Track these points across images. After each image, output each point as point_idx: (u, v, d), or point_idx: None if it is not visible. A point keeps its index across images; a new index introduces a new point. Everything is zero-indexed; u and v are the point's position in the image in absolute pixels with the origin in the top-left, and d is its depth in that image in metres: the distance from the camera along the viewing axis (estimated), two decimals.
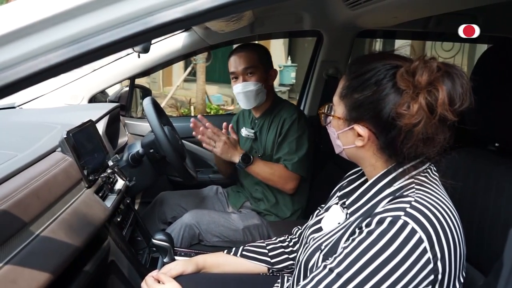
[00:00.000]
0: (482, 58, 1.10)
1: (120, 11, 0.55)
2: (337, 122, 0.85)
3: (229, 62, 1.73)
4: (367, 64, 0.79)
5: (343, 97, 0.82)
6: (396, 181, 0.79)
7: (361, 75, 0.79)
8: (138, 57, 1.78)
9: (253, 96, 1.69)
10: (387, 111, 0.74)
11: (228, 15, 0.73)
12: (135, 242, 1.64)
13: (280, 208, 1.75)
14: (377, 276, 0.68)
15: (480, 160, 1.01)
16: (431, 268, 0.68)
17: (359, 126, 0.80)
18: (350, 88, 0.81)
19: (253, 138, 1.81)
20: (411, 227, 0.68)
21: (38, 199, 0.93)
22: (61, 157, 1.14)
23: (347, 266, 0.70)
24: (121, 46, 0.57)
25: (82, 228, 1.04)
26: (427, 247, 0.68)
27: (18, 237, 0.83)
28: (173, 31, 0.58)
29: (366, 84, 0.77)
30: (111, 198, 1.33)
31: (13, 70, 0.53)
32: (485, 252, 0.92)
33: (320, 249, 0.84)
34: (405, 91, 0.72)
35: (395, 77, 0.73)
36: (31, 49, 0.54)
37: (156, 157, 1.61)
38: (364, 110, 0.78)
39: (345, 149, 0.86)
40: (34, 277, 0.81)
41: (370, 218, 0.73)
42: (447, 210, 0.73)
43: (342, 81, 0.85)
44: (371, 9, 1.52)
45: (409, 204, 0.71)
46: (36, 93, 2.02)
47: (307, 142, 1.67)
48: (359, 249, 0.70)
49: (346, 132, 0.83)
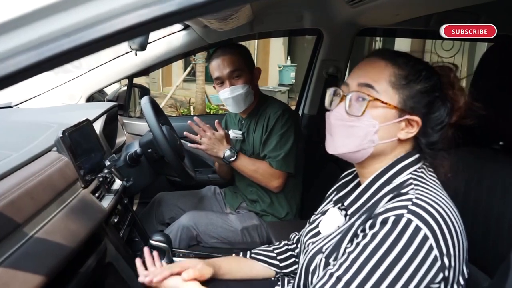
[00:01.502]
0: (484, 56, 1.08)
1: (115, 3, 0.53)
2: (387, 113, 0.77)
3: (210, 67, 1.67)
4: (413, 59, 0.81)
5: (398, 85, 0.77)
6: (396, 177, 0.78)
7: (417, 67, 0.79)
8: (136, 55, 1.75)
9: (242, 100, 1.65)
10: (446, 105, 0.79)
11: (222, 10, 0.71)
12: (133, 243, 1.62)
13: (276, 208, 1.73)
14: (387, 279, 0.66)
15: (484, 159, 0.99)
16: (440, 266, 0.68)
17: (415, 116, 0.78)
18: (407, 78, 0.78)
19: (241, 139, 1.79)
20: (415, 224, 0.67)
21: (32, 199, 0.91)
22: (56, 157, 1.12)
23: (355, 272, 0.69)
24: (114, 40, 0.55)
25: (77, 229, 1.02)
26: (433, 244, 0.67)
27: (11, 238, 0.81)
28: (167, 25, 0.55)
29: (421, 77, 0.78)
30: (108, 199, 1.31)
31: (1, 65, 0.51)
32: (490, 253, 0.90)
33: (322, 252, 0.82)
34: (450, 89, 0.80)
35: (438, 76, 0.80)
36: (21, 43, 0.52)
37: (154, 157, 1.59)
38: (423, 101, 0.78)
39: (378, 144, 0.79)
40: (27, 279, 0.79)
41: (373, 219, 0.71)
42: (446, 204, 0.73)
43: (384, 69, 0.78)
44: (372, 7, 1.50)
45: (411, 201, 0.70)
46: (33, 92, 2.00)
47: (292, 138, 1.63)
48: (365, 253, 0.69)
49: (392, 124, 0.78)
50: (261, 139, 1.69)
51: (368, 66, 0.81)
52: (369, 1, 1.43)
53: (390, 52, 0.82)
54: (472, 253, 0.87)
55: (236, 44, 1.83)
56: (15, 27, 0.50)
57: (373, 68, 0.80)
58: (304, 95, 2.43)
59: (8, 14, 0.50)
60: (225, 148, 1.62)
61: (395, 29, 2.37)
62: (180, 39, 2.03)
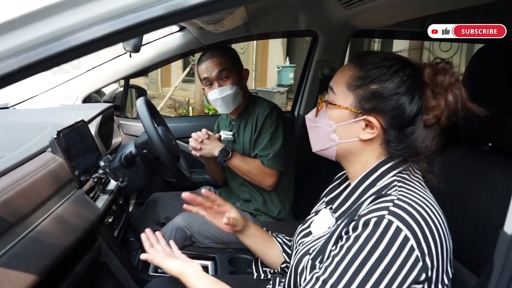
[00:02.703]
0: (475, 57, 1.09)
1: (109, 5, 0.53)
2: (340, 114, 0.80)
3: (199, 69, 1.70)
4: (384, 58, 0.79)
5: (353, 87, 0.79)
6: (380, 180, 0.79)
7: (380, 66, 0.78)
8: (130, 57, 1.76)
9: (231, 100, 1.67)
10: (413, 105, 0.76)
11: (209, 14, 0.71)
12: (128, 243, 1.63)
13: (269, 206, 1.74)
14: (370, 281, 0.67)
15: (473, 160, 1.00)
16: (421, 266, 0.68)
17: (372, 118, 0.78)
18: (365, 78, 0.78)
19: (232, 140, 1.81)
20: (396, 225, 0.67)
21: (25, 199, 0.92)
22: (51, 158, 1.13)
23: (339, 276, 0.69)
24: (106, 43, 0.55)
25: (71, 229, 1.03)
26: (414, 245, 0.67)
27: (4, 238, 0.82)
28: (156, 28, 0.56)
29: (387, 76, 0.77)
30: (102, 199, 1.32)
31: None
32: (478, 253, 0.91)
33: (309, 253, 0.83)
34: (428, 88, 0.77)
35: (416, 74, 0.78)
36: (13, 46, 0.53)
37: (149, 157, 1.60)
38: (382, 101, 0.77)
39: (340, 143, 0.82)
40: (20, 279, 0.80)
41: (356, 221, 0.72)
42: (429, 205, 0.73)
43: (347, 71, 0.81)
44: (366, 8, 1.51)
45: (392, 202, 0.70)
46: (29, 93, 2.00)
47: (282, 136, 1.66)
48: (348, 256, 0.69)
49: (349, 124, 0.80)
50: (251, 139, 1.71)
51: (340, 69, 0.85)
52: (364, 3, 1.44)
53: (360, 54, 0.84)
54: (460, 253, 0.88)
55: (224, 46, 1.85)
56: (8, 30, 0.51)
57: (340, 71, 0.84)
58: (300, 96, 2.44)
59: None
60: (219, 147, 1.64)
61: (391, 31, 2.38)
62: (176, 40, 2.04)
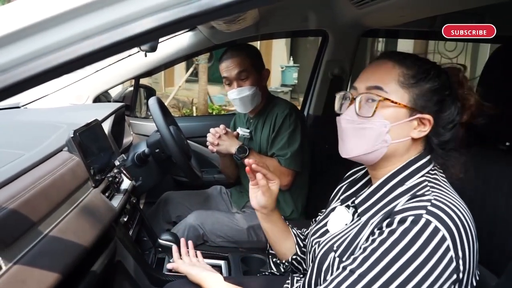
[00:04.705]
0: (492, 57, 1.09)
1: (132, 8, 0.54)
2: (397, 112, 0.78)
3: (220, 66, 1.70)
4: (419, 59, 0.82)
5: (408, 85, 0.78)
6: (410, 179, 0.79)
7: (424, 66, 0.80)
8: (145, 56, 1.77)
9: (249, 101, 1.68)
10: (455, 104, 0.80)
11: (238, 12, 0.72)
12: (142, 242, 1.63)
13: (281, 206, 1.74)
14: (401, 276, 0.67)
15: (490, 159, 1.00)
16: (454, 267, 0.68)
17: (427, 115, 0.78)
18: (416, 76, 0.79)
19: (249, 138, 1.81)
20: (434, 225, 0.68)
21: (46, 198, 0.92)
22: (68, 157, 1.14)
23: (369, 266, 0.69)
24: (128, 45, 0.56)
25: (89, 228, 1.04)
26: (450, 245, 0.68)
27: (26, 237, 0.82)
28: (187, 27, 0.57)
29: (433, 76, 0.79)
30: (117, 198, 1.33)
31: (12, 72, 0.52)
32: (497, 253, 0.91)
33: (333, 250, 0.83)
34: (460, 88, 0.81)
35: (447, 76, 0.82)
36: (32, 50, 0.54)
37: (161, 156, 1.60)
38: (433, 99, 0.79)
39: (392, 144, 0.79)
40: (43, 277, 0.80)
41: (391, 218, 0.72)
42: (463, 208, 0.74)
43: (391, 69, 0.79)
44: (378, 8, 1.51)
45: (430, 202, 0.71)
46: (40, 93, 2.01)
47: (300, 137, 1.67)
48: (381, 249, 0.70)
49: (404, 123, 0.78)
50: (268, 138, 1.71)
51: (376, 68, 0.82)
52: (375, 3, 1.44)
53: (397, 54, 0.83)
54: (479, 253, 0.88)
55: (246, 45, 1.85)
56: (27, 35, 0.51)
57: (381, 70, 0.81)
58: (309, 96, 2.44)
59: (22, 22, 0.51)
60: (237, 144, 1.65)
61: (399, 30, 2.38)
62: (187, 40, 2.04)
